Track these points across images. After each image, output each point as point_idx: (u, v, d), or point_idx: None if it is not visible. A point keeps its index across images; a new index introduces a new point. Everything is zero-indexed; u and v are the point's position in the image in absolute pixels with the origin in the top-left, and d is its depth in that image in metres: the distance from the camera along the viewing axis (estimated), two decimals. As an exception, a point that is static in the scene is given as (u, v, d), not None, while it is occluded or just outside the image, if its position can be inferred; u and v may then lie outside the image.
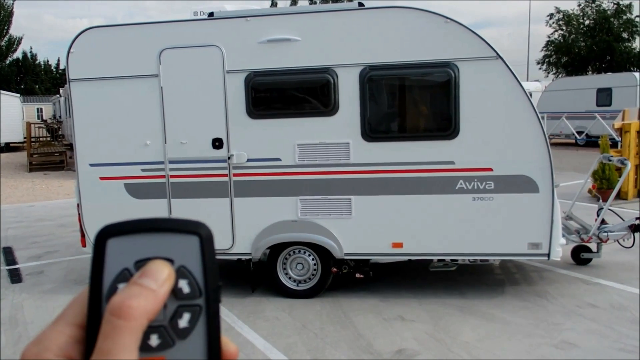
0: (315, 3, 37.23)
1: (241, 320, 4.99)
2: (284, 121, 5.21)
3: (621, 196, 9.75)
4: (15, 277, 6.59)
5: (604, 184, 9.40)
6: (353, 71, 5.04)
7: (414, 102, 5.25)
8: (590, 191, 9.22)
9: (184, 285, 0.44)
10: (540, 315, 4.92)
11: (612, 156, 6.81)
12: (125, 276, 0.44)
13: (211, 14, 5.31)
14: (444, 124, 5.04)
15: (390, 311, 5.13)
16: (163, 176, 5.40)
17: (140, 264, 0.44)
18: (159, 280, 0.42)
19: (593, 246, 6.17)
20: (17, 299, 5.82)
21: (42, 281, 6.40)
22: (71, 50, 5.32)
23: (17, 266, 7.07)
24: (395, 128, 5.23)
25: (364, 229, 5.19)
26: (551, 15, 37.57)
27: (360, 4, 5.07)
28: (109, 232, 0.44)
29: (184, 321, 0.44)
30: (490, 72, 4.86)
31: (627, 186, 9.92)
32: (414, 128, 5.21)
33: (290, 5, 36.81)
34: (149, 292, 0.41)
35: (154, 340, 0.43)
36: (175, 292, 0.44)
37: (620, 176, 9.79)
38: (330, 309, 5.22)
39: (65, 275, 6.59)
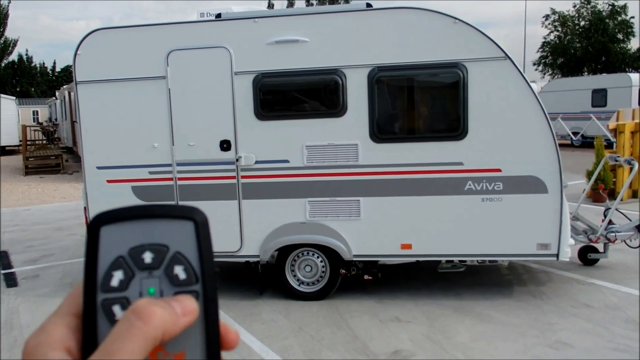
0: (312, 4, 37.25)
1: (237, 323, 4.97)
2: (292, 122, 5.19)
3: (615, 196, 9.76)
4: (11, 281, 6.53)
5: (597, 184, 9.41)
6: (361, 72, 5.03)
7: (422, 103, 5.23)
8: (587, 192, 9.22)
9: (179, 272, 0.43)
10: (535, 315, 4.93)
11: (619, 156, 6.82)
12: (119, 264, 0.43)
13: (219, 15, 5.28)
14: (452, 124, 5.03)
15: (386, 313, 5.12)
16: (171, 179, 5.37)
17: (135, 250, 0.43)
18: (185, 309, 0.42)
19: (600, 247, 6.18)
20: (13, 303, 5.77)
21: (38, 285, 6.35)
22: (78, 52, 5.28)
23: (12, 270, 7.00)
24: (403, 129, 5.22)
25: (373, 231, 5.18)
26: (547, 17, 37.78)
27: (368, 5, 5.05)
28: (102, 220, 0.44)
29: None
30: (499, 73, 4.86)
31: (622, 187, 9.93)
32: (422, 129, 5.20)
33: (287, 7, 36.80)
34: (174, 313, 0.42)
35: None
36: (172, 278, 0.43)
37: (615, 177, 9.87)
38: (326, 311, 5.20)
39: (61, 279, 6.54)
